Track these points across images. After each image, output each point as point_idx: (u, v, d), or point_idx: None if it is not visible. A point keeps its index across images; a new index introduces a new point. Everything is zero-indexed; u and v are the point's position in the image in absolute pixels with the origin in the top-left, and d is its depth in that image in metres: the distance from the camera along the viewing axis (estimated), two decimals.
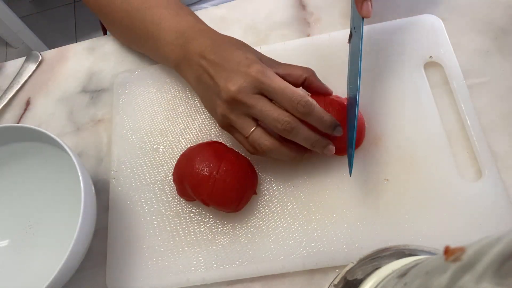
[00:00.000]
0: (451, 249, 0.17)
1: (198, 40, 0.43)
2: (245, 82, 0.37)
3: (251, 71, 0.38)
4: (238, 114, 0.39)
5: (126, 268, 0.42)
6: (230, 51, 0.40)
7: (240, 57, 0.39)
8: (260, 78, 0.37)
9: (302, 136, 0.38)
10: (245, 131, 0.39)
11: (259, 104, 0.37)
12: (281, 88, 0.37)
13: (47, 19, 1.82)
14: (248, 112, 0.38)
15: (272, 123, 0.37)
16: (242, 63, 0.39)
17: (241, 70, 0.38)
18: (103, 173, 0.49)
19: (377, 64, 0.46)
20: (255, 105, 0.37)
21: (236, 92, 0.37)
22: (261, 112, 0.37)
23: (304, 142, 0.38)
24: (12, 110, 0.55)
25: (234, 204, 0.40)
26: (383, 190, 0.41)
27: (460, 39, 0.47)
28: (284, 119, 0.37)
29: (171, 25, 0.45)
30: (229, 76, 0.38)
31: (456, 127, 0.43)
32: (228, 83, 0.38)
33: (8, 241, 0.46)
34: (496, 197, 0.39)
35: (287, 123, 0.37)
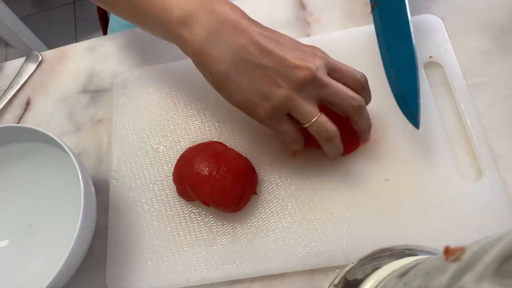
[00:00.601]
0: (451, 249, 0.17)
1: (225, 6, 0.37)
2: (319, 62, 0.36)
3: (317, 52, 0.37)
4: (306, 97, 0.36)
5: (126, 268, 0.42)
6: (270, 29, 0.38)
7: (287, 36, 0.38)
8: (329, 59, 0.37)
9: (365, 116, 0.38)
10: (308, 117, 0.36)
11: (334, 83, 0.36)
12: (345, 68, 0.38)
13: (47, 19, 1.82)
14: (320, 94, 0.36)
15: (347, 101, 0.36)
16: (296, 42, 0.38)
17: (304, 49, 0.37)
18: (103, 173, 0.49)
19: (376, 64, 0.46)
20: (332, 83, 0.36)
21: (315, 70, 0.35)
22: (336, 91, 0.36)
23: (365, 123, 0.39)
24: (12, 110, 0.55)
25: (234, 204, 0.40)
26: (383, 190, 0.41)
27: (460, 39, 0.47)
28: (357, 97, 0.37)
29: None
30: (299, 55, 0.36)
31: (456, 127, 0.43)
32: (303, 61, 0.35)
33: (8, 241, 0.46)
34: (496, 197, 0.39)
35: (361, 100, 0.37)
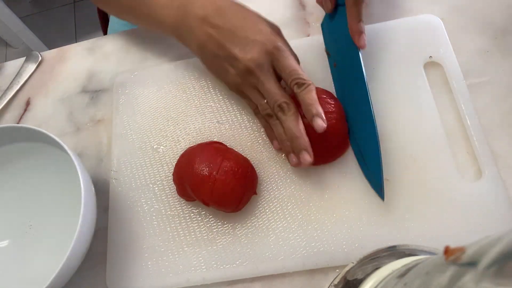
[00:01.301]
0: (451, 249, 0.17)
1: (198, 2, 0.41)
2: (262, 55, 0.38)
3: (268, 46, 0.39)
4: (249, 85, 0.40)
5: (126, 268, 0.42)
6: (238, 18, 0.40)
7: (253, 24, 0.40)
8: (276, 53, 0.39)
9: (289, 122, 0.39)
10: (257, 101, 0.41)
11: (269, 83, 0.39)
12: (290, 66, 0.39)
13: (47, 19, 1.82)
14: (256, 86, 0.39)
15: (272, 103, 0.39)
16: (256, 32, 0.39)
17: (257, 39, 0.39)
18: (103, 173, 0.49)
19: (377, 64, 0.46)
20: (265, 82, 0.39)
21: (253, 63, 0.38)
22: (266, 89, 0.39)
23: (288, 130, 0.39)
24: (12, 110, 0.55)
25: (234, 204, 0.40)
26: (383, 190, 0.41)
27: (460, 39, 0.47)
28: (281, 101, 0.38)
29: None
30: (244, 45, 0.39)
31: (456, 127, 0.43)
32: (244, 52, 0.39)
33: (8, 241, 0.46)
34: (496, 197, 0.39)
35: (284, 103, 0.38)
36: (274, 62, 0.39)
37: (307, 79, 0.39)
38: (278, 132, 0.40)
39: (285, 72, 0.39)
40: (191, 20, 0.41)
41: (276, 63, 0.39)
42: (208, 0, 0.42)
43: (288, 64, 0.39)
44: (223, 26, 0.40)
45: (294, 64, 0.39)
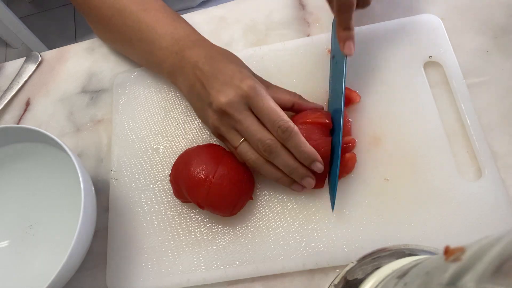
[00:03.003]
0: (451, 249, 0.17)
1: (193, 49, 0.43)
2: (236, 96, 0.38)
3: (243, 85, 0.38)
4: (227, 126, 0.40)
5: (126, 268, 0.42)
6: (224, 63, 0.41)
7: (233, 70, 0.40)
8: (251, 94, 0.38)
9: (281, 160, 0.38)
10: (233, 143, 0.40)
11: (246, 121, 0.38)
12: (268, 108, 0.37)
13: (46, 19, 1.82)
14: (235, 126, 0.39)
15: (255, 143, 0.38)
16: (235, 76, 0.39)
17: (234, 83, 0.38)
18: (103, 173, 0.49)
19: (376, 63, 0.46)
20: (242, 121, 0.38)
21: (226, 104, 0.38)
22: (246, 130, 0.38)
23: (283, 167, 0.38)
24: (12, 110, 0.55)
25: (229, 208, 0.40)
26: (383, 190, 0.41)
27: (459, 38, 0.47)
28: (266, 141, 0.37)
29: (167, 30, 0.45)
30: (221, 88, 0.39)
31: (456, 127, 0.43)
32: (219, 94, 0.38)
33: (8, 241, 0.46)
34: (496, 197, 0.39)
35: (268, 146, 0.37)
36: (250, 104, 0.38)
37: (287, 120, 0.37)
38: (270, 171, 0.39)
39: (263, 115, 0.38)
40: (185, 64, 0.43)
41: (252, 105, 0.38)
42: (202, 49, 0.43)
43: (264, 105, 0.37)
44: (208, 70, 0.40)
45: (271, 104, 0.38)
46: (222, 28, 0.54)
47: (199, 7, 0.71)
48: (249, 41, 0.53)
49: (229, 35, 0.53)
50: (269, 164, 0.39)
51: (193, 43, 0.44)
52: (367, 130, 0.43)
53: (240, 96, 0.38)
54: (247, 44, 0.52)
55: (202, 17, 0.55)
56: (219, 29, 0.54)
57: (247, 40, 0.53)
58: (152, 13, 0.46)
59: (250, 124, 0.38)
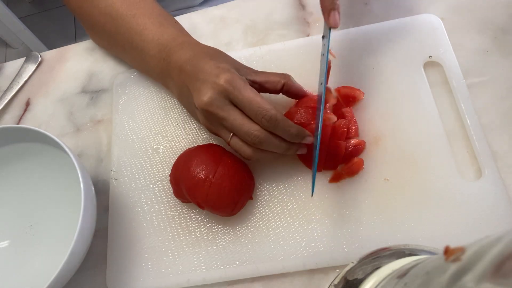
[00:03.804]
0: (451, 249, 0.17)
1: (178, 53, 0.42)
2: (214, 93, 0.37)
3: (219, 81, 0.37)
4: (215, 125, 0.39)
5: (126, 268, 0.42)
6: (204, 62, 0.40)
7: (212, 66, 0.39)
8: (228, 88, 0.37)
9: (273, 146, 0.38)
10: (225, 140, 0.40)
11: (230, 117, 0.37)
12: (248, 100, 0.37)
13: (46, 19, 1.82)
14: (222, 123, 0.39)
15: (243, 136, 0.38)
16: (212, 73, 0.38)
17: (211, 80, 0.38)
18: (103, 173, 0.49)
19: (376, 63, 0.46)
20: (226, 117, 0.38)
21: (207, 104, 0.37)
22: (232, 125, 0.38)
23: (276, 150, 0.39)
24: (12, 110, 0.55)
25: (229, 208, 0.40)
26: (383, 190, 0.41)
27: (459, 38, 0.47)
28: (253, 133, 0.37)
29: (154, 36, 0.45)
30: (200, 87, 0.38)
31: (456, 127, 0.43)
32: (200, 94, 0.38)
33: (8, 241, 0.46)
34: (496, 197, 0.39)
35: (256, 137, 0.37)
36: (230, 98, 0.37)
37: (269, 107, 0.36)
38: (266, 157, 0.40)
39: (244, 106, 0.37)
40: (172, 70, 0.43)
41: (232, 98, 0.37)
42: (187, 50, 0.42)
43: (244, 97, 0.37)
44: (190, 71, 0.40)
45: (250, 95, 0.37)
46: (222, 28, 0.54)
47: (200, 5, 0.71)
48: (249, 41, 0.53)
49: (229, 35, 0.53)
50: (263, 151, 0.39)
51: (179, 46, 0.43)
52: (367, 130, 0.43)
53: (218, 93, 0.37)
54: (247, 44, 0.52)
55: (202, 17, 0.55)
56: (219, 29, 0.54)
57: (247, 40, 0.53)
58: (140, 19, 0.46)
59: (233, 119, 0.37)
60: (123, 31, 0.47)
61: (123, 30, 0.47)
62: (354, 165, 0.41)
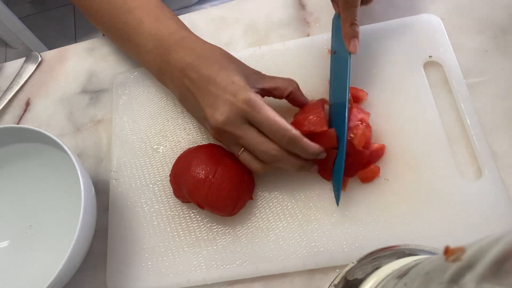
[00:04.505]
0: (451, 249, 0.17)
1: (178, 52, 0.41)
2: (232, 113, 0.37)
3: (237, 101, 0.36)
4: (227, 141, 0.39)
5: (126, 268, 0.42)
6: (212, 71, 0.39)
7: (225, 80, 0.38)
8: (247, 109, 0.36)
9: (288, 164, 0.38)
10: (235, 153, 0.40)
11: (248, 136, 0.37)
12: (267, 119, 0.36)
13: (46, 19, 1.82)
14: (238, 141, 0.38)
15: (260, 155, 0.38)
16: (228, 89, 0.37)
17: (227, 98, 0.37)
18: (103, 173, 0.49)
19: (376, 63, 0.46)
20: (243, 136, 0.37)
21: (223, 123, 0.37)
22: (249, 144, 0.37)
23: (291, 168, 0.39)
24: (12, 111, 0.55)
25: (229, 208, 0.40)
26: (383, 190, 0.41)
27: (459, 38, 0.47)
28: (271, 153, 0.37)
29: (150, 30, 0.44)
30: (215, 104, 0.38)
31: (456, 127, 0.43)
32: (215, 112, 0.37)
33: (8, 242, 0.46)
34: (496, 197, 0.39)
35: (274, 157, 0.37)
36: (248, 118, 0.37)
37: (289, 128, 0.36)
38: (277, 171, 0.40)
39: (263, 126, 0.37)
40: (172, 70, 0.41)
41: (251, 119, 0.37)
42: (187, 51, 0.41)
43: (263, 117, 0.36)
44: (198, 79, 0.39)
45: (269, 115, 0.36)
46: (222, 28, 0.54)
47: (196, 5, 0.71)
48: (249, 41, 0.53)
49: (229, 35, 0.53)
50: (272, 167, 0.39)
51: (177, 43, 0.42)
52: None
53: (236, 113, 0.37)
54: (247, 44, 0.52)
55: (202, 17, 0.55)
56: (219, 29, 0.54)
57: (247, 40, 0.53)
58: (136, 13, 0.45)
59: (251, 138, 0.37)
60: (120, 26, 0.46)
61: (120, 25, 0.46)
62: (369, 172, 0.41)
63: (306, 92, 0.45)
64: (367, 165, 0.41)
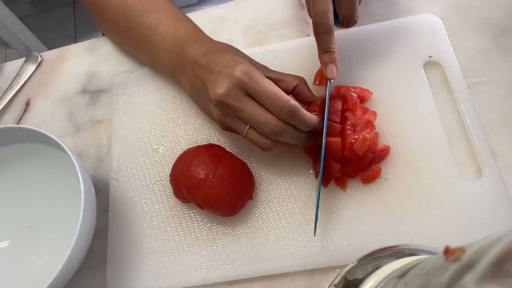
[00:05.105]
0: (451, 249, 0.17)
1: (193, 47, 0.42)
2: (230, 84, 0.37)
3: (235, 72, 0.37)
4: (230, 117, 0.39)
5: (126, 268, 0.42)
6: (219, 55, 0.40)
7: (228, 59, 0.39)
8: (245, 79, 0.37)
9: (289, 136, 0.38)
10: (240, 133, 0.39)
11: (247, 107, 0.37)
12: (266, 91, 0.36)
13: (46, 19, 1.82)
14: (238, 114, 0.38)
15: (260, 127, 0.37)
16: (228, 65, 0.38)
17: (227, 71, 0.37)
18: (103, 173, 0.49)
19: (376, 63, 0.46)
20: (243, 108, 0.37)
21: (223, 95, 0.37)
22: (249, 115, 0.37)
23: (292, 141, 0.39)
24: (12, 111, 0.55)
25: (229, 208, 0.40)
26: (383, 190, 0.41)
27: (459, 38, 0.47)
28: (271, 123, 0.37)
29: (168, 31, 0.45)
30: (216, 79, 0.38)
31: (456, 127, 0.43)
32: (215, 86, 0.38)
33: (8, 242, 0.46)
34: (496, 196, 0.39)
35: (275, 126, 0.37)
36: (247, 89, 0.37)
37: (287, 98, 0.36)
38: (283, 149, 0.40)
39: (261, 97, 0.37)
40: (186, 63, 0.42)
41: (249, 90, 0.37)
42: (202, 45, 0.42)
43: (261, 88, 0.37)
44: (205, 64, 0.40)
45: (267, 86, 0.37)
46: (222, 28, 0.54)
47: (196, 5, 0.71)
48: (249, 41, 0.53)
49: (229, 35, 0.53)
50: (280, 142, 0.39)
51: (194, 41, 0.43)
52: None
53: (234, 84, 0.37)
54: (247, 44, 0.52)
55: (202, 17, 0.55)
56: (219, 29, 0.54)
57: (247, 40, 0.53)
58: (154, 15, 0.46)
59: (250, 109, 0.37)
60: (135, 26, 0.47)
61: (135, 25, 0.47)
62: (371, 172, 0.41)
63: None
64: (369, 166, 0.41)
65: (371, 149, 0.40)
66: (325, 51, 0.40)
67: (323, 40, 0.40)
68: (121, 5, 0.48)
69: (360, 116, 0.42)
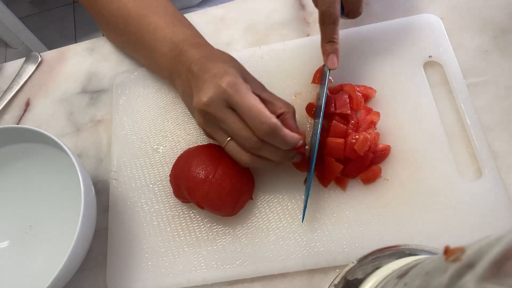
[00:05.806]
0: (451, 249, 0.17)
1: (190, 52, 0.42)
2: (214, 94, 0.36)
3: (221, 83, 0.36)
4: (212, 127, 0.38)
5: (126, 268, 0.42)
6: (213, 63, 0.39)
7: (219, 68, 0.38)
8: (229, 91, 0.36)
9: (269, 153, 0.37)
10: (220, 143, 0.39)
11: (228, 120, 0.37)
12: (248, 105, 0.35)
13: (46, 19, 1.82)
14: (219, 125, 0.38)
15: (240, 141, 0.37)
16: (217, 74, 0.37)
17: (214, 81, 0.37)
18: (103, 173, 0.49)
19: (376, 63, 0.46)
20: (224, 119, 0.37)
21: (205, 104, 0.37)
22: (229, 129, 0.37)
23: (273, 158, 0.38)
24: (11, 111, 0.55)
25: (229, 208, 0.40)
26: (383, 190, 0.41)
27: (459, 38, 0.47)
28: (251, 140, 0.36)
29: (166, 35, 0.45)
30: (202, 87, 0.37)
31: (456, 127, 0.43)
32: (200, 93, 0.37)
33: (8, 242, 0.46)
34: (496, 196, 0.39)
35: (254, 143, 0.36)
36: (229, 101, 0.36)
37: (268, 116, 0.35)
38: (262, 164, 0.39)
39: (243, 112, 0.36)
40: (181, 68, 0.42)
41: (231, 102, 0.36)
42: (198, 51, 0.42)
43: (243, 102, 0.35)
44: (197, 70, 0.39)
45: (250, 101, 0.35)
46: (222, 28, 0.54)
47: (198, 6, 0.71)
48: (249, 41, 0.53)
49: (229, 35, 0.53)
50: (260, 158, 0.38)
51: (191, 46, 0.43)
52: None
53: (218, 94, 0.36)
54: (247, 44, 0.52)
55: (202, 17, 0.55)
56: (219, 29, 0.54)
57: (247, 40, 0.53)
58: (152, 19, 0.46)
59: (231, 122, 0.37)
60: (134, 30, 0.47)
61: (134, 29, 0.47)
62: (371, 172, 0.41)
63: (306, 93, 0.46)
64: (369, 166, 0.41)
65: (372, 149, 0.40)
66: (328, 40, 0.40)
67: (327, 29, 0.40)
68: (121, 9, 0.47)
69: (363, 117, 0.42)
